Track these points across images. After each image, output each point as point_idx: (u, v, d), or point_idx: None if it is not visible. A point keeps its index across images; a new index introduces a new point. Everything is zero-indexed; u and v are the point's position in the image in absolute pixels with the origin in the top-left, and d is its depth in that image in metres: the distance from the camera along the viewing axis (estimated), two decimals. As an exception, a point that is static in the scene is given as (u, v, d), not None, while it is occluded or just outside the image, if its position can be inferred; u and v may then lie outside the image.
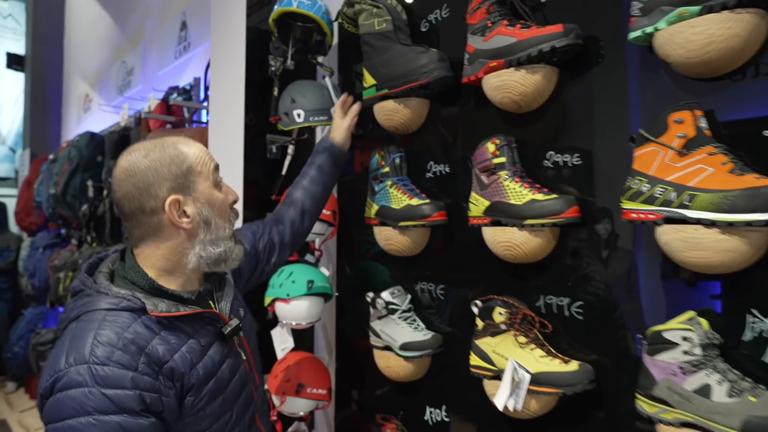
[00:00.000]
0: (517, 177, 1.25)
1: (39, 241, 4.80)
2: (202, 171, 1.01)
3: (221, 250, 1.02)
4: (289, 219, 1.45)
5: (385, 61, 1.50)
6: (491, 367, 1.27)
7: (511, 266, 1.32)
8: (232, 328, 1.03)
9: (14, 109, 6.85)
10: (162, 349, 0.91)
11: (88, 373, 0.83)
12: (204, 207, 1.00)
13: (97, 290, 0.95)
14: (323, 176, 1.53)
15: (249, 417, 1.08)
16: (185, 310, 0.96)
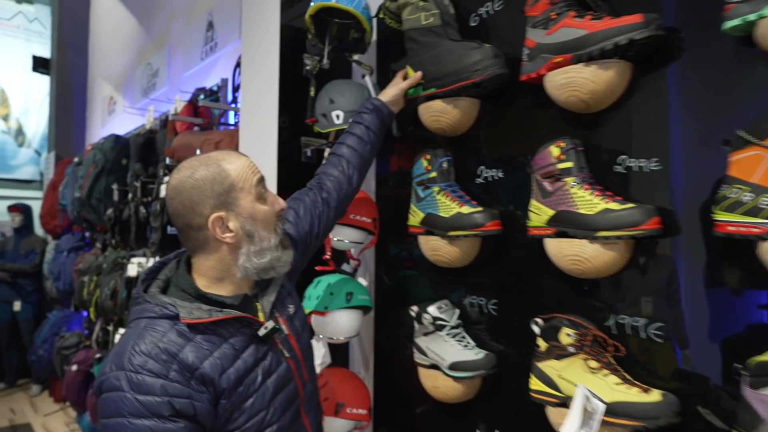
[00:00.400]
0: (587, 184, 1.13)
1: (64, 245, 4.79)
2: (244, 187, 1.04)
3: (266, 260, 1.05)
4: (335, 182, 1.40)
5: (433, 58, 1.39)
6: (556, 393, 1.15)
7: (577, 281, 1.20)
8: (268, 331, 1.05)
9: (39, 112, 6.91)
10: (192, 356, 0.96)
11: (124, 379, 0.92)
12: (246, 221, 1.04)
13: (144, 299, 1.02)
14: (370, 136, 1.45)
15: (291, 414, 1.09)
16: (217, 316, 1.00)
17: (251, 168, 1.06)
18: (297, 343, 1.13)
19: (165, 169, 2.91)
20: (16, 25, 6.91)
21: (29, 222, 5.30)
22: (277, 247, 1.07)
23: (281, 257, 1.08)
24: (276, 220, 1.08)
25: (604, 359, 1.11)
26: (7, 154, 6.80)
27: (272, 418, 1.04)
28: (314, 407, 1.18)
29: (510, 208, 1.37)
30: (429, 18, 1.40)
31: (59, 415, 4.60)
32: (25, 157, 6.93)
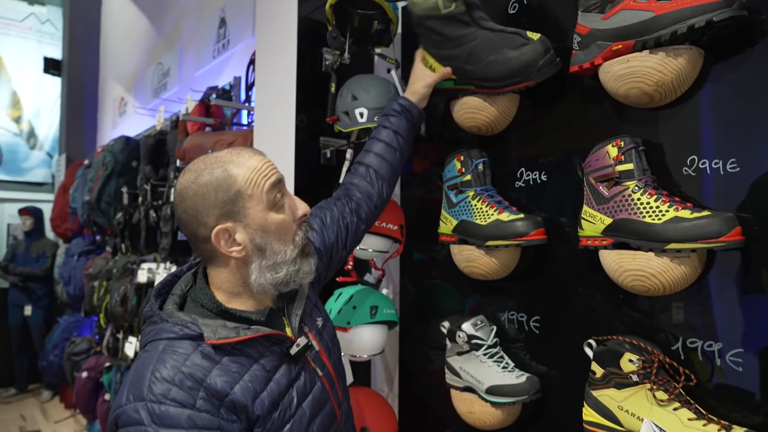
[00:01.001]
0: (651, 189, 0.99)
1: (74, 248, 4.71)
2: (253, 194, 0.91)
3: (282, 275, 0.94)
4: (364, 193, 1.28)
5: (470, 56, 1.23)
6: (616, 428, 1.01)
7: (635, 297, 1.06)
8: (300, 348, 0.95)
9: (51, 114, 6.86)
10: (221, 381, 0.86)
11: (145, 411, 0.81)
12: (257, 234, 0.92)
13: (161, 318, 0.92)
14: (399, 142, 1.32)
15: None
16: (245, 335, 0.90)
17: (264, 171, 0.93)
18: (329, 360, 1.05)
19: (175, 172, 2.80)
20: (28, 27, 6.88)
21: (40, 225, 5.24)
22: (295, 259, 0.95)
23: (301, 269, 0.96)
24: (296, 228, 0.96)
25: (674, 390, 0.96)
26: (19, 156, 6.76)
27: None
28: (350, 428, 1.09)
29: (555, 214, 1.23)
30: (449, 5, 1.21)
31: (69, 422, 4.52)
32: (37, 160, 6.89)
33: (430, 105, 1.42)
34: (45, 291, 5.17)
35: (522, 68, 1.16)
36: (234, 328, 0.90)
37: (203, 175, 0.91)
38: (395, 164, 1.32)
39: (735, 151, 0.95)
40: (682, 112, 1.02)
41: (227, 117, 2.62)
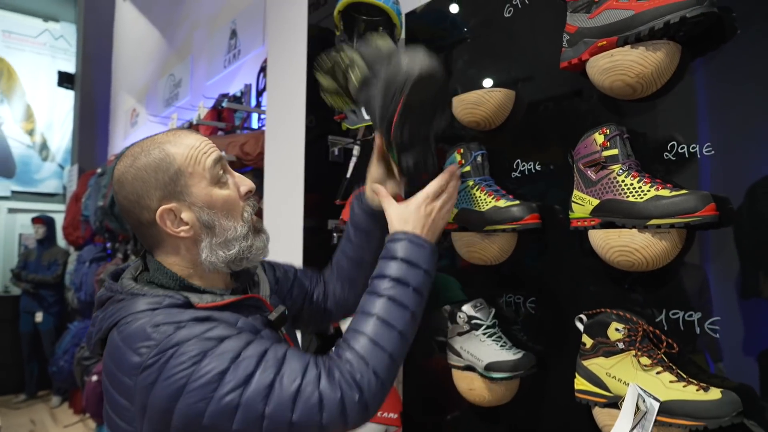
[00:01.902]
0: (635, 171, 1.08)
1: (86, 255, 4.82)
2: (194, 171, 0.90)
3: (235, 252, 0.93)
4: (330, 281, 1.27)
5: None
6: (604, 393, 1.08)
7: (622, 275, 1.14)
8: (279, 314, 0.98)
9: (63, 126, 7.03)
10: (225, 316, 0.88)
11: (175, 338, 0.78)
12: (203, 211, 0.91)
13: (131, 293, 0.88)
14: (357, 235, 1.20)
15: None
16: (230, 298, 0.92)
17: (202, 148, 0.92)
18: (293, 342, 1.07)
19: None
20: (42, 43, 7.08)
21: (52, 234, 5.36)
22: (247, 235, 0.94)
23: (254, 244, 0.95)
24: (243, 204, 0.96)
25: (657, 356, 1.04)
26: (31, 168, 6.92)
27: None
28: None
29: (549, 201, 1.32)
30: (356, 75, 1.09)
31: (79, 427, 4.58)
32: (49, 171, 7.05)
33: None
34: (56, 298, 5.27)
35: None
36: (220, 294, 0.92)
37: (140, 158, 0.89)
38: (358, 260, 1.21)
39: (710, 136, 1.04)
40: (663, 102, 1.11)
41: (237, 123, 2.73)
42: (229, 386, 0.76)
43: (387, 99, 0.99)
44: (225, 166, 0.95)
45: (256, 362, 0.79)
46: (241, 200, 0.96)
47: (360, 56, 1.07)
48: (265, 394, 0.77)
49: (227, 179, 0.95)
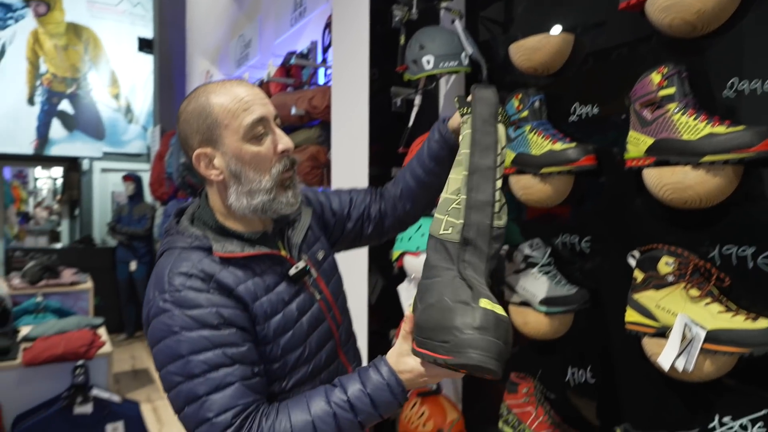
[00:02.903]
0: (691, 109, 1.09)
1: (170, 209, 5.22)
2: (229, 125, 0.97)
3: (258, 202, 1.00)
4: (391, 197, 1.28)
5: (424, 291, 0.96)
6: (653, 323, 1.14)
7: (676, 214, 1.17)
8: (298, 271, 1.03)
9: (145, 90, 7.48)
10: (229, 279, 0.95)
11: (169, 301, 0.91)
12: (232, 161, 0.98)
13: (177, 231, 1.02)
14: (431, 161, 1.19)
15: (327, 354, 1.08)
16: (249, 251, 0.99)
17: (245, 104, 0.97)
18: (327, 287, 1.12)
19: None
20: (122, 11, 7.47)
21: (140, 190, 5.81)
22: (270, 189, 1.00)
23: (277, 198, 1.01)
24: (275, 161, 1.01)
25: (706, 288, 1.08)
26: (118, 130, 7.45)
27: (308, 356, 1.03)
28: (352, 350, 1.18)
29: (605, 143, 1.34)
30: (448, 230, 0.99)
31: (172, 363, 5.10)
32: (134, 133, 7.56)
33: (490, 52, 1.55)
34: (147, 249, 5.76)
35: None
36: (240, 245, 0.99)
37: (191, 103, 0.99)
38: (425, 188, 1.23)
39: (772, 71, 1.03)
40: (723, 40, 1.11)
41: (305, 79, 2.85)
42: (176, 368, 0.89)
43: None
44: (268, 124, 0.99)
45: (204, 370, 0.89)
46: (275, 157, 1.00)
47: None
48: (190, 401, 0.89)
49: (265, 136, 0.99)
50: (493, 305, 0.84)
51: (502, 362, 0.82)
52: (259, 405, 0.92)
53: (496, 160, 0.97)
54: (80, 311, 4.03)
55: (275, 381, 1.00)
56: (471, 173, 0.96)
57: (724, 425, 1.10)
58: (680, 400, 1.19)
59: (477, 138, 0.98)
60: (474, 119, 1.01)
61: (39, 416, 2.08)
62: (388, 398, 0.91)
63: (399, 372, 0.92)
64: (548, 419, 1.43)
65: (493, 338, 0.81)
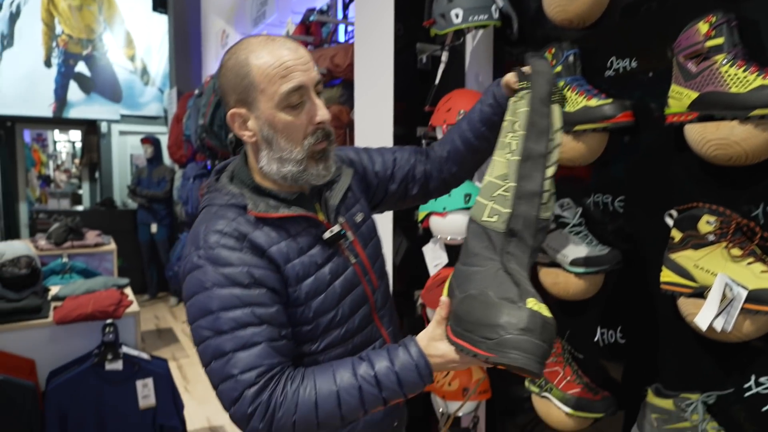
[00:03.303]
0: (741, 60, 1.03)
1: (189, 172, 5.23)
2: (265, 89, 0.93)
3: (287, 170, 0.98)
4: (438, 159, 1.24)
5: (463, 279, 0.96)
6: (690, 284, 1.12)
7: (717, 171, 1.13)
8: (333, 235, 1.02)
9: (160, 51, 7.41)
10: (262, 239, 0.95)
11: (203, 257, 0.92)
12: (265, 126, 0.96)
13: (216, 188, 1.03)
14: (483, 133, 1.15)
15: (362, 318, 1.07)
16: (284, 212, 0.98)
17: (284, 70, 0.91)
18: (363, 250, 1.10)
19: (280, 92, 3.03)
20: (135, -31, 7.33)
21: (159, 153, 5.83)
22: (301, 161, 0.97)
23: (307, 170, 0.98)
24: (308, 132, 0.97)
25: (749, 248, 1.05)
26: (135, 92, 7.43)
27: (340, 320, 1.02)
28: (388, 315, 1.16)
29: (644, 99, 1.29)
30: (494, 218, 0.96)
31: (194, 323, 5.22)
32: (150, 95, 7.53)
33: (521, 4, 1.48)
34: (167, 211, 5.82)
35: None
36: (275, 206, 0.98)
37: (232, 58, 0.95)
38: (473, 144, 1.18)
39: (831, 18, 0.97)
40: (779, -16, 1.04)
41: (324, 36, 2.78)
42: (206, 323, 0.90)
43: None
44: (306, 92, 0.94)
45: (233, 327, 0.89)
46: (310, 127, 0.97)
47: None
48: (217, 356, 0.90)
49: (301, 105, 0.95)
50: (539, 305, 0.82)
51: (545, 363, 0.81)
52: (284, 367, 0.93)
53: (548, 145, 0.90)
54: (105, 272, 4.10)
55: (306, 342, 1.01)
56: (524, 159, 0.90)
57: (761, 385, 1.09)
58: (714, 361, 1.18)
59: (534, 119, 0.91)
60: (532, 97, 0.93)
61: (72, 372, 2.15)
62: (415, 379, 0.91)
63: (429, 356, 0.91)
64: (576, 379, 1.43)
65: (539, 341, 0.79)
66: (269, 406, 0.89)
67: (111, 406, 2.18)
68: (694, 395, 1.16)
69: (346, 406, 0.90)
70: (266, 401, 0.89)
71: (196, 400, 3.55)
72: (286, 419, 0.89)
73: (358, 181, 1.18)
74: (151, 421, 2.26)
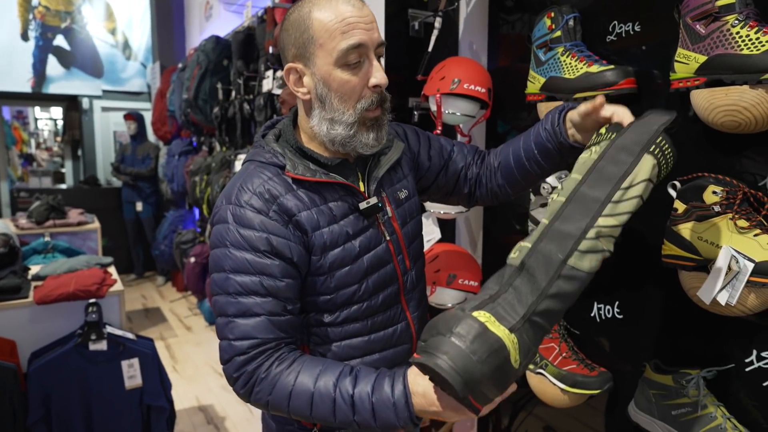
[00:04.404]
0: (753, 20, 0.98)
1: (174, 149, 5.12)
2: (324, 44, 0.89)
3: (337, 133, 0.95)
4: (490, 166, 1.18)
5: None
6: (693, 257, 1.08)
7: (723, 139, 1.09)
8: (369, 206, 0.98)
9: (142, 24, 7.18)
10: (291, 203, 0.93)
11: (230, 213, 0.93)
12: (320, 83, 0.93)
13: (260, 144, 1.02)
14: (535, 147, 1.08)
15: (386, 297, 1.03)
16: (322, 178, 0.95)
17: (346, 26, 0.88)
18: (401, 229, 1.06)
19: (266, 64, 2.94)
20: (113, -63, 7.06)
21: (143, 129, 5.69)
22: (352, 125, 0.94)
23: (357, 136, 0.95)
24: (363, 94, 0.93)
25: (756, 219, 1.01)
26: (117, 67, 7.21)
27: (363, 295, 0.99)
28: (417, 298, 1.11)
29: (647, 65, 1.24)
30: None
31: (182, 302, 5.16)
32: (133, 70, 7.32)
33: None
34: (152, 189, 5.70)
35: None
36: (314, 170, 0.96)
37: (295, 11, 0.93)
38: (517, 167, 1.12)
39: None
40: (795, -61, 0.98)
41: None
42: (218, 279, 0.93)
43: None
44: (366, 52, 0.90)
45: (238, 292, 0.91)
46: (366, 89, 0.92)
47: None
48: (220, 314, 0.93)
49: (360, 65, 0.91)
50: (487, 318, 0.74)
51: (468, 381, 0.71)
52: (280, 344, 0.92)
53: (612, 194, 0.79)
54: (89, 251, 4.01)
55: (324, 312, 1.00)
56: (568, 201, 0.81)
57: (763, 359, 1.06)
58: (714, 336, 1.15)
59: (599, 165, 0.82)
60: (609, 145, 0.83)
61: (55, 353, 2.08)
62: (390, 417, 0.84)
63: (413, 393, 0.84)
64: (572, 355, 1.41)
65: (467, 350, 0.71)
66: (251, 378, 0.91)
67: (96, 387, 2.13)
68: (693, 371, 1.13)
69: (317, 410, 0.88)
70: (250, 373, 0.90)
71: (184, 379, 3.51)
72: (262, 395, 0.91)
73: (410, 159, 1.15)
74: (138, 402, 2.22)
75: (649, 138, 0.81)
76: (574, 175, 0.84)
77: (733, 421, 1.08)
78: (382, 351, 1.04)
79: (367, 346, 1.02)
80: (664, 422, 1.15)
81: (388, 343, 1.05)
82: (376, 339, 1.03)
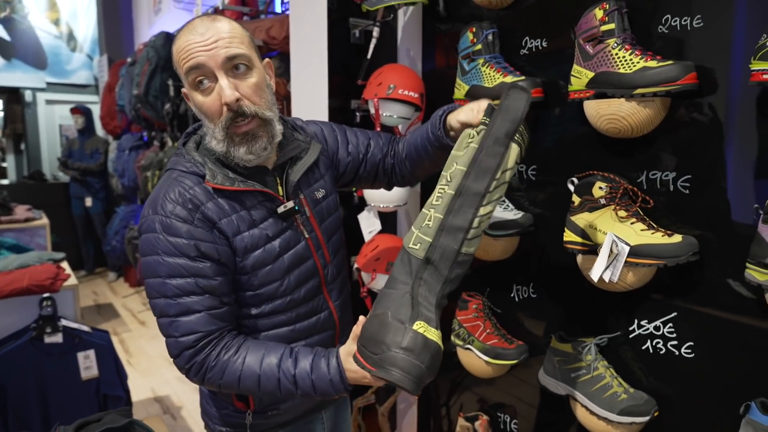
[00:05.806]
0: (628, 44, 1.17)
1: (125, 144, 5.08)
2: (179, 71, 1.01)
3: (217, 148, 1.02)
4: (401, 154, 1.30)
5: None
6: (586, 242, 1.27)
7: (611, 143, 1.28)
8: (287, 210, 1.07)
9: (87, 14, 7.00)
10: (213, 212, 1.01)
11: (158, 223, 0.99)
12: (193, 105, 1.04)
13: (181, 153, 1.08)
14: (428, 144, 1.19)
15: (310, 289, 1.13)
16: (239, 186, 1.02)
17: (186, 52, 0.96)
18: (319, 226, 1.14)
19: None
20: (55, -76, 6.84)
21: (91, 123, 5.59)
22: (223, 141, 1.00)
23: (230, 151, 1.01)
24: (222, 113, 0.99)
25: (632, 209, 1.21)
26: (62, 59, 7.02)
27: (286, 290, 1.09)
28: (338, 288, 1.21)
29: (552, 77, 1.42)
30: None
31: (135, 297, 5.14)
32: (79, 62, 7.14)
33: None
34: (101, 184, 5.63)
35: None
36: (232, 178, 1.02)
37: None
38: (417, 158, 1.25)
39: (699, 10, 1.12)
40: (662, -24, 1.18)
41: (261, 7, 2.77)
42: (155, 284, 1.00)
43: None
44: (208, 73, 0.96)
45: (177, 294, 0.99)
46: (223, 108, 0.98)
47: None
48: (162, 315, 1.01)
49: (209, 87, 0.97)
50: (426, 329, 0.91)
51: (421, 383, 0.89)
52: (224, 332, 1.03)
53: (490, 185, 0.93)
54: (38, 248, 3.97)
55: (250, 307, 1.09)
56: (457, 195, 0.94)
57: (642, 327, 1.27)
58: (605, 309, 1.35)
59: (479, 158, 0.95)
60: (485, 135, 0.96)
61: (9, 346, 2.13)
62: (328, 389, 1.00)
63: (347, 369, 0.99)
64: (494, 331, 1.59)
65: (417, 361, 0.88)
66: (202, 366, 1.02)
67: (52, 379, 2.19)
68: (588, 339, 1.33)
69: (264, 388, 1.02)
70: (200, 362, 1.01)
71: (140, 372, 3.56)
72: (215, 380, 1.03)
73: (327, 159, 1.23)
74: (95, 392, 2.29)
75: (515, 127, 0.95)
76: (459, 166, 0.97)
77: (618, 380, 1.29)
78: (308, 338, 1.15)
79: (293, 335, 1.12)
80: (565, 383, 1.34)
81: (313, 330, 1.15)
82: (300, 328, 1.13)
